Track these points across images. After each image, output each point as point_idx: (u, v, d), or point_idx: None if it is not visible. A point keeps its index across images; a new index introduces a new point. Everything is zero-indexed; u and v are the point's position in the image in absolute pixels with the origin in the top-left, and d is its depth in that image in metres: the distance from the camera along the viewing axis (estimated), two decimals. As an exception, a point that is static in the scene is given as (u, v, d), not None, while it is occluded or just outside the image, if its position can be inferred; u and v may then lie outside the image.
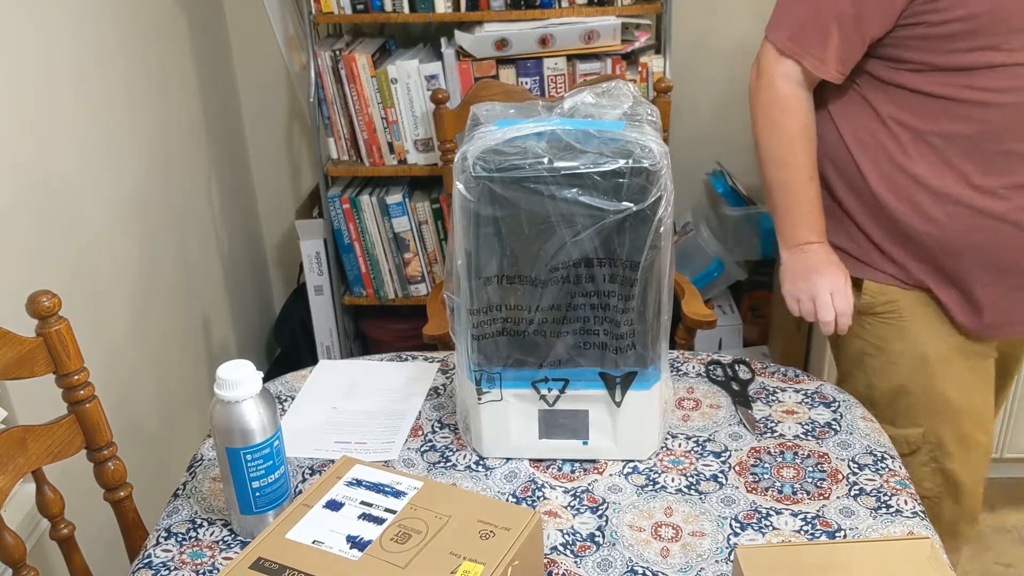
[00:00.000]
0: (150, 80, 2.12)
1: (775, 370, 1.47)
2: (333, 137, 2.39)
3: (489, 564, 0.98)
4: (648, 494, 1.23)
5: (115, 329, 1.94)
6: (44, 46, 1.72)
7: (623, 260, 1.16)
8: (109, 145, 1.93)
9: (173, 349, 2.21)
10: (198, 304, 2.37)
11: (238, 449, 1.11)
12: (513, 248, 1.17)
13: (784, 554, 1.07)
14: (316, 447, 1.34)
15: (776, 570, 1.03)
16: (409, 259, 2.47)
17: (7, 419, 1.55)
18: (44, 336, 1.25)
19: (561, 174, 1.13)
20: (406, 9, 2.24)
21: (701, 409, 1.39)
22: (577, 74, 2.27)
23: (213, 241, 2.48)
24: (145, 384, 2.06)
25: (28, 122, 1.67)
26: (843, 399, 1.40)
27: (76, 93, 1.82)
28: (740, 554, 1.03)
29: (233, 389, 1.10)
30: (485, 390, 1.25)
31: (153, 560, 1.16)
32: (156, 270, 2.13)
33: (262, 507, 1.16)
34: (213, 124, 2.48)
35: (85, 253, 1.83)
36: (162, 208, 2.17)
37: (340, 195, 2.40)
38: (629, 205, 1.13)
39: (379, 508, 1.07)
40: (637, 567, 1.12)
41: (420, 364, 1.53)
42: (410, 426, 1.38)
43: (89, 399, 1.30)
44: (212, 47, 2.51)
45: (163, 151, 2.19)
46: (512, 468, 1.29)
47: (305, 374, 1.52)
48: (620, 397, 1.24)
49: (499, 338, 1.22)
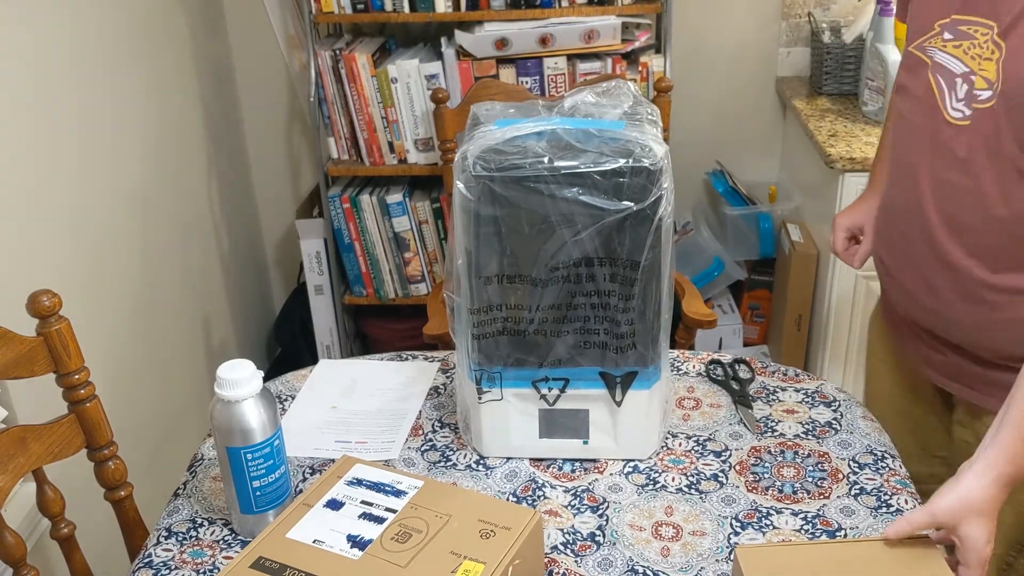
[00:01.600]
0: (150, 80, 2.12)
1: (775, 369, 1.47)
2: (333, 137, 2.39)
3: (489, 563, 0.98)
4: (648, 493, 1.23)
5: (115, 329, 1.94)
6: (44, 46, 1.72)
7: (623, 259, 1.16)
8: (109, 145, 1.93)
9: (173, 348, 2.21)
10: (198, 303, 2.37)
11: (238, 448, 1.11)
12: (513, 248, 1.17)
13: (784, 553, 1.07)
14: (316, 446, 1.34)
15: (776, 569, 1.03)
16: (409, 259, 2.47)
17: (7, 418, 1.55)
18: (44, 335, 1.25)
19: (561, 173, 1.13)
20: (406, 9, 2.24)
21: (701, 408, 1.39)
22: (577, 74, 2.27)
23: (213, 240, 2.48)
24: (145, 383, 2.06)
25: (29, 122, 1.67)
26: (843, 398, 1.40)
27: (76, 93, 1.82)
28: (740, 553, 1.03)
29: (233, 388, 1.10)
30: (485, 389, 1.25)
31: (153, 559, 1.16)
32: (156, 269, 2.13)
33: (262, 506, 1.16)
34: (213, 124, 2.48)
35: (85, 252, 1.83)
36: (162, 208, 2.17)
37: (340, 194, 2.40)
38: (629, 204, 1.13)
39: (380, 507, 1.07)
40: (637, 566, 1.12)
41: (420, 364, 1.53)
42: (410, 425, 1.38)
43: (89, 398, 1.30)
44: (212, 47, 2.51)
45: (163, 151, 2.19)
46: (512, 467, 1.29)
47: (305, 374, 1.52)
48: (620, 397, 1.24)
49: (499, 337, 1.22)
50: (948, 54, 1.28)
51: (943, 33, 1.29)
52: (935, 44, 1.30)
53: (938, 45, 1.30)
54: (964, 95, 1.25)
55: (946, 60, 1.28)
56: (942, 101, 1.28)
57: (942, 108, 1.28)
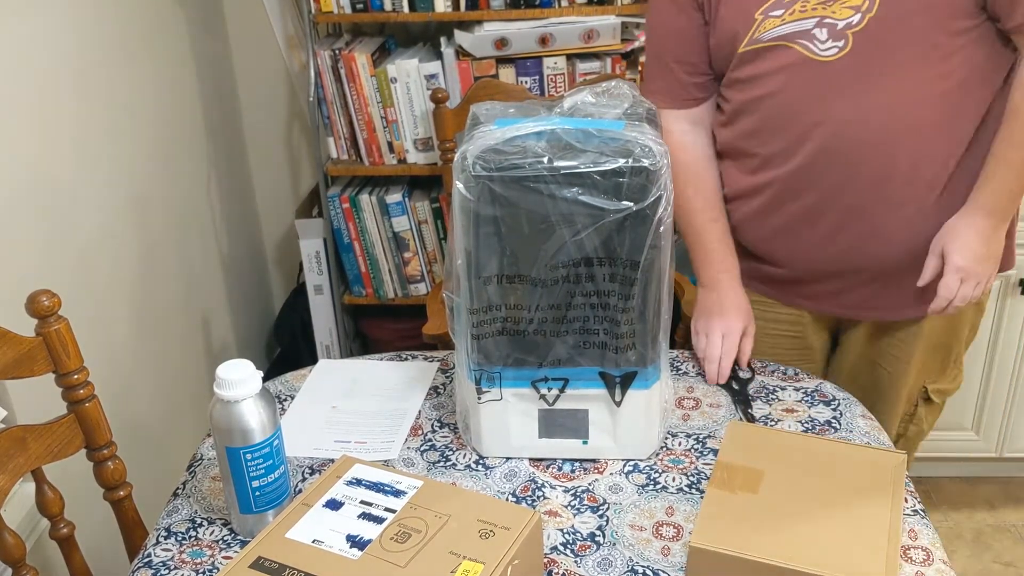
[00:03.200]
0: (150, 79, 2.12)
1: (775, 369, 1.47)
2: (333, 136, 2.39)
3: (489, 563, 0.98)
4: (649, 493, 1.23)
5: (115, 328, 1.94)
6: (44, 46, 1.72)
7: (623, 259, 1.16)
8: (109, 144, 1.93)
9: (173, 348, 2.21)
10: (198, 303, 2.37)
11: (238, 448, 1.11)
12: (513, 247, 1.17)
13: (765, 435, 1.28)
14: (316, 447, 1.34)
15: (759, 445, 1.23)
16: (409, 258, 2.47)
17: (7, 418, 1.55)
18: (44, 335, 1.25)
19: (561, 173, 1.13)
20: (406, 8, 2.23)
21: (701, 408, 1.39)
22: (577, 73, 2.27)
23: (213, 240, 2.48)
24: (145, 383, 2.06)
25: (28, 122, 1.66)
26: (843, 397, 1.40)
27: (76, 92, 1.82)
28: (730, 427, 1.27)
29: (233, 388, 1.10)
30: (485, 389, 1.25)
31: (153, 559, 1.16)
32: (156, 269, 2.13)
33: (262, 506, 1.16)
34: (213, 123, 2.48)
35: (85, 252, 1.83)
36: (162, 207, 2.17)
37: (340, 194, 2.40)
38: (629, 204, 1.13)
39: (379, 507, 1.07)
40: (637, 567, 1.12)
41: (420, 364, 1.53)
42: (410, 425, 1.38)
43: (89, 398, 1.30)
44: (212, 47, 2.51)
45: (163, 151, 2.18)
46: (512, 467, 1.29)
47: (305, 373, 1.52)
48: (620, 397, 1.24)
49: (499, 337, 1.22)
50: (792, 22, 1.35)
51: (770, 14, 1.35)
52: (770, 26, 1.35)
53: (773, 25, 1.35)
54: (827, 35, 1.33)
55: (792, 28, 1.35)
56: (813, 53, 1.35)
57: (815, 57, 1.34)
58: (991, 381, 2.28)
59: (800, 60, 1.35)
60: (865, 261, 1.46)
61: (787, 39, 1.35)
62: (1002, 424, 2.33)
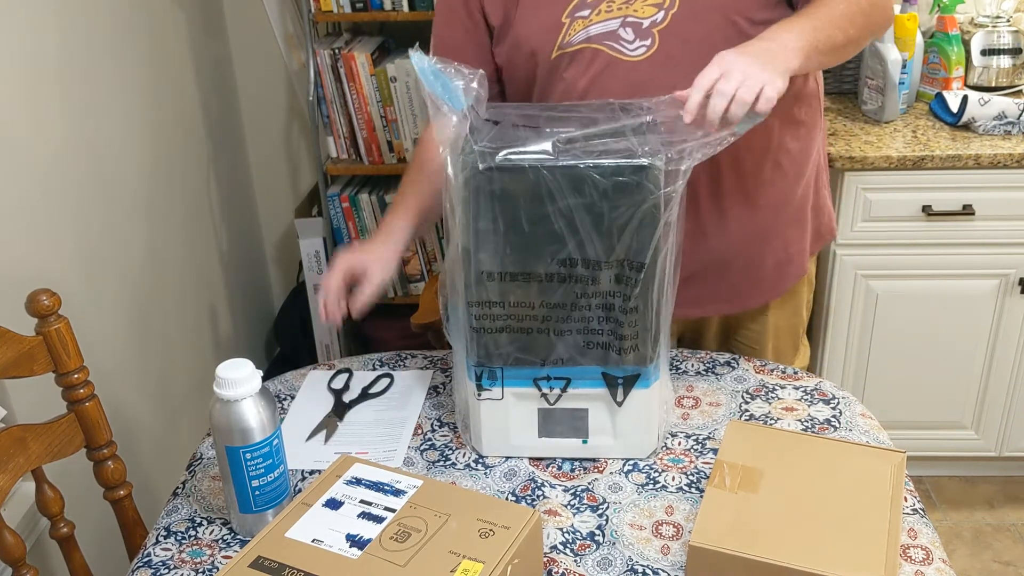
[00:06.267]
0: (149, 79, 2.12)
1: (774, 367, 1.47)
2: (332, 136, 2.39)
3: (489, 563, 0.98)
4: (648, 492, 1.23)
5: (115, 328, 1.94)
6: (44, 46, 1.72)
7: (626, 260, 1.16)
8: (109, 144, 1.93)
9: (172, 348, 2.21)
10: (197, 302, 2.37)
11: (237, 448, 1.11)
12: (514, 245, 1.17)
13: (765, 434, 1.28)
14: (316, 459, 1.32)
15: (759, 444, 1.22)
16: (408, 258, 2.47)
17: (7, 418, 1.55)
18: (43, 335, 1.25)
19: (562, 173, 1.13)
20: (405, 8, 2.24)
21: (701, 407, 1.39)
22: (576, 73, 2.27)
23: (213, 239, 2.48)
24: (144, 383, 2.06)
25: (28, 121, 1.66)
26: (842, 396, 1.40)
27: (76, 92, 1.82)
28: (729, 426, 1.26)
29: (232, 388, 1.10)
30: (485, 387, 1.25)
31: (152, 559, 1.16)
32: (155, 269, 2.13)
33: (261, 506, 1.16)
34: (212, 123, 2.48)
35: (84, 252, 1.83)
36: (161, 207, 2.17)
37: (339, 194, 2.40)
38: (631, 205, 1.13)
39: (379, 507, 1.07)
40: (637, 566, 1.12)
41: (416, 371, 1.53)
42: (411, 432, 1.37)
43: (88, 398, 1.30)
44: (212, 47, 2.51)
45: (162, 150, 2.18)
46: (512, 467, 1.29)
47: (305, 372, 1.51)
48: (622, 397, 1.24)
49: (500, 335, 1.22)
50: (599, 23, 1.33)
51: (576, 15, 1.34)
52: (578, 28, 1.34)
53: (582, 27, 1.34)
54: (634, 35, 1.31)
55: (599, 29, 1.33)
56: (621, 54, 1.33)
57: (624, 58, 1.33)
58: (990, 380, 2.28)
59: (609, 62, 1.34)
60: (693, 259, 1.41)
61: (594, 41, 1.34)
62: (1002, 423, 2.33)
